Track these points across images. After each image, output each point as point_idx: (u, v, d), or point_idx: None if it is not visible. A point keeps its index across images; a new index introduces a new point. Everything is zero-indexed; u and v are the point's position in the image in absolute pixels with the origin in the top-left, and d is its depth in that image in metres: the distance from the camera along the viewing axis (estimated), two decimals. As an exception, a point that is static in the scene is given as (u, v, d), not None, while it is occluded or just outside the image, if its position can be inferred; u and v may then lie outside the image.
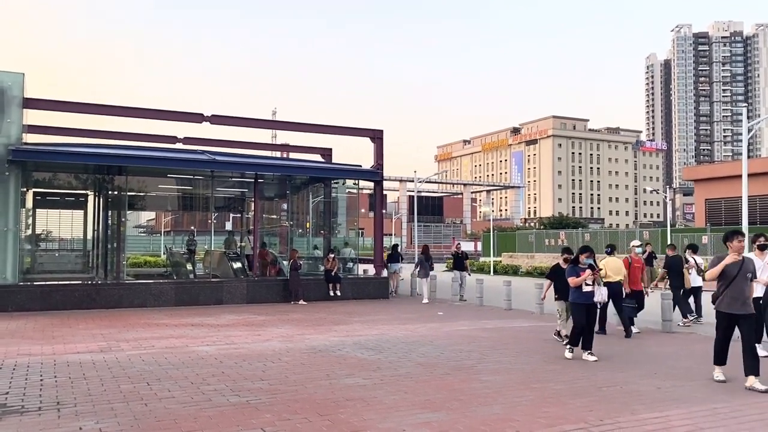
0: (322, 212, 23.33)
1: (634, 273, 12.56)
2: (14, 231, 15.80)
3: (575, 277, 9.53)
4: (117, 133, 22.50)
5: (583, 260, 9.65)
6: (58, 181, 22.87)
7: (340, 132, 22.24)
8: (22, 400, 6.71)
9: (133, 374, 8.07)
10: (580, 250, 9.89)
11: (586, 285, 9.48)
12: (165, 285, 17.70)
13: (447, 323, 13.76)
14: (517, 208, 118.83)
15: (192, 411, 6.33)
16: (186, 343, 10.59)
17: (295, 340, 11.13)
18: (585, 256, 9.67)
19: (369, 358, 9.40)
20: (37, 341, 10.74)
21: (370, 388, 7.38)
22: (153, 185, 23.99)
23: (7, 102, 15.93)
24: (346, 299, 18.54)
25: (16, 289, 15.62)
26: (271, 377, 7.96)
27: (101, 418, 6.04)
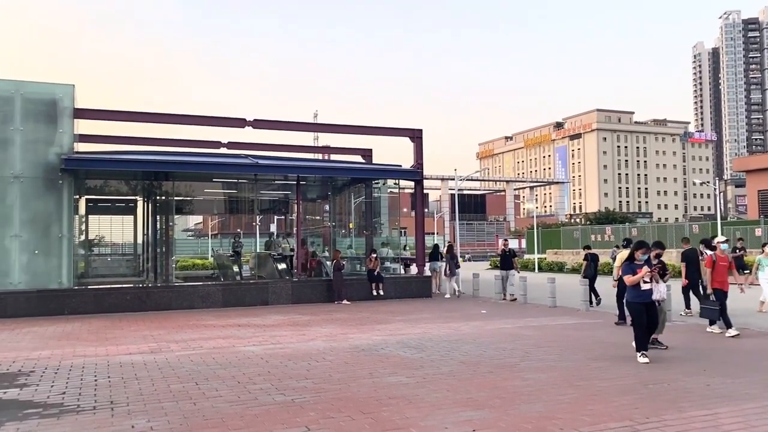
0: (363, 212, 23.49)
1: (719, 271, 11.41)
2: (68, 237, 16.41)
3: (631, 275, 9.02)
4: (164, 139, 23.12)
5: (640, 257, 9.17)
6: (108, 188, 23.65)
7: (380, 132, 22.36)
8: (78, 400, 6.99)
9: (182, 374, 8.31)
10: (635, 245, 9.42)
11: (644, 282, 8.94)
12: (212, 287, 18.13)
13: (490, 321, 13.70)
14: (561, 204, 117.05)
15: (239, 410, 6.50)
16: (233, 344, 10.84)
17: (339, 339, 11.26)
18: (641, 252, 9.19)
19: (412, 356, 9.45)
20: (92, 343, 11.14)
21: (412, 387, 7.42)
22: (199, 190, 24.58)
23: (59, 113, 16.56)
24: (389, 298, 18.63)
25: (71, 293, 16.23)
26: (316, 376, 8.09)
27: (152, 417, 6.25)
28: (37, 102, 16.37)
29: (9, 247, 15.73)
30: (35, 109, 16.31)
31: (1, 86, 16.21)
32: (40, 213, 16.11)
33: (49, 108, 16.45)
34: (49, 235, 16.13)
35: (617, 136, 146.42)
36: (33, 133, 16.20)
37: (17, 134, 16.04)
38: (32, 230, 15.98)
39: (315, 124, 33.36)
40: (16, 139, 16.03)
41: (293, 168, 20.45)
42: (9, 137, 15.97)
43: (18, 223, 15.84)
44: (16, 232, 15.80)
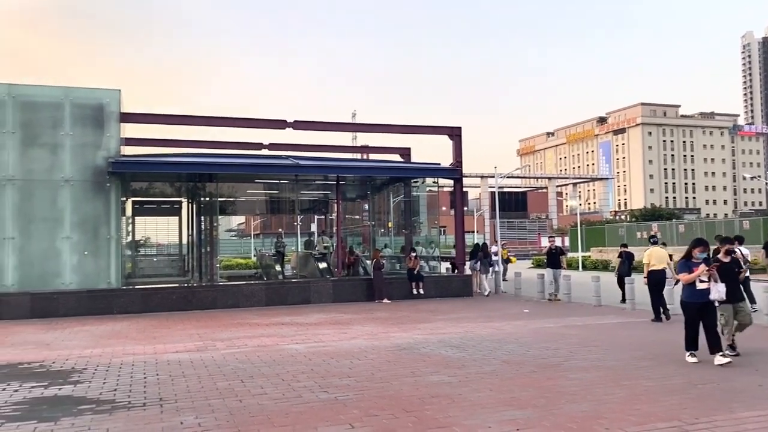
0: (402, 211, 23.50)
1: None
2: (116, 238, 16.88)
3: (687, 273, 8.64)
4: (206, 142, 23.56)
5: (697, 255, 8.78)
6: (154, 190, 24.24)
7: (418, 131, 22.34)
8: (129, 396, 7.19)
9: (228, 372, 8.47)
10: (693, 243, 8.99)
11: (700, 282, 8.54)
12: (256, 286, 18.40)
13: (533, 321, 13.55)
14: (605, 200, 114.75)
15: (283, 407, 6.59)
16: (277, 342, 10.99)
17: (380, 338, 11.30)
18: (698, 251, 8.79)
19: (453, 355, 9.42)
20: (140, 341, 11.45)
21: (455, 386, 7.41)
22: (242, 190, 24.98)
23: (106, 117, 17.04)
24: (429, 297, 18.59)
25: (120, 292, 16.69)
26: (358, 374, 8.14)
27: (200, 414, 6.40)
28: (85, 107, 16.88)
29: (61, 249, 16.28)
30: (83, 114, 16.82)
31: (51, 93, 16.77)
32: (89, 215, 16.61)
33: (96, 113, 16.94)
34: (98, 236, 16.63)
35: (663, 131, 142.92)
36: (81, 138, 16.72)
37: (67, 139, 16.57)
38: (82, 232, 16.49)
39: (354, 124, 33.57)
40: (66, 143, 16.57)
41: (333, 168, 20.60)
42: (59, 142, 16.51)
43: (69, 226, 16.37)
44: (67, 234, 16.34)
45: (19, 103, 16.34)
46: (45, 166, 16.37)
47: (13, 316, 15.26)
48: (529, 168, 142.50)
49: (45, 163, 16.38)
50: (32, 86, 16.86)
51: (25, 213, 16.10)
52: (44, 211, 16.25)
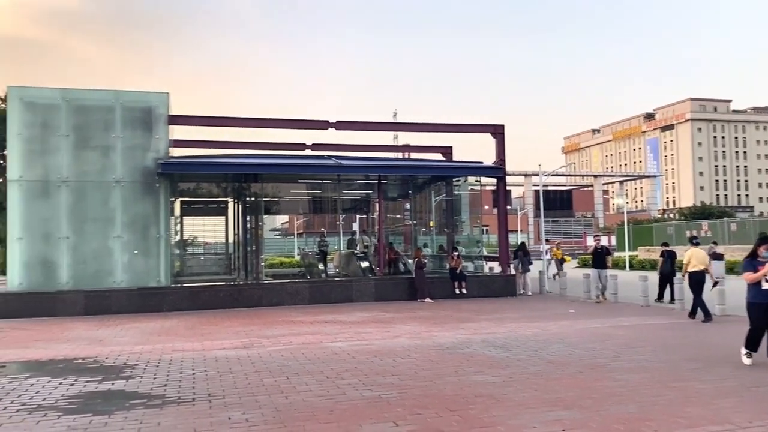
0: (444, 210, 23.43)
1: None
2: (165, 237, 17.33)
3: (752, 273, 8.33)
4: (251, 143, 23.94)
5: (763, 253, 8.45)
6: (201, 190, 24.79)
7: (460, 129, 22.23)
8: (178, 392, 7.39)
9: (273, 369, 8.61)
10: (758, 241, 8.64)
11: (765, 281, 8.22)
12: (300, 284, 18.63)
13: (579, 321, 13.35)
14: (653, 198, 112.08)
15: (328, 404, 6.67)
16: (321, 340, 11.11)
17: (423, 337, 11.31)
18: (764, 248, 8.45)
19: (497, 355, 9.37)
20: (189, 338, 11.72)
21: (499, 386, 7.37)
22: (286, 190, 25.32)
23: (155, 120, 17.50)
24: (472, 297, 18.49)
25: (169, 290, 17.13)
26: (402, 373, 8.18)
27: (247, 409, 6.53)
28: (135, 110, 17.37)
29: (112, 248, 16.80)
30: (133, 117, 17.31)
31: (103, 97, 17.32)
32: (139, 215, 17.09)
33: (145, 116, 17.42)
34: (148, 236, 17.10)
35: (713, 126, 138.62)
36: (132, 140, 17.21)
37: (118, 141, 17.09)
38: (132, 231, 16.98)
39: (395, 123, 33.63)
40: (117, 145, 17.08)
41: (375, 168, 20.69)
42: (111, 144, 17.04)
43: (120, 225, 16.88)
44: (119, 233, 16.85)
45: (72, 107, 16.92)
46: (97, 167, 16.91)
47: (68, 313, 15.83)
48: (575, 166, 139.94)
49: (97, 165, 16.92)
50: (84, 90, 17.44)
51: (78, 213, 16.67)
52: (96, 211, 16.80)
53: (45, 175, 16.54)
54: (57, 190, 16.57)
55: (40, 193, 16.49)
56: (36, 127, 16.65)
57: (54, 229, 16.46)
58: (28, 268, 16.29)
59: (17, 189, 16.41)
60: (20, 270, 16.26)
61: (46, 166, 16.58)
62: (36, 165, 16.55)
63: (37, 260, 16.35)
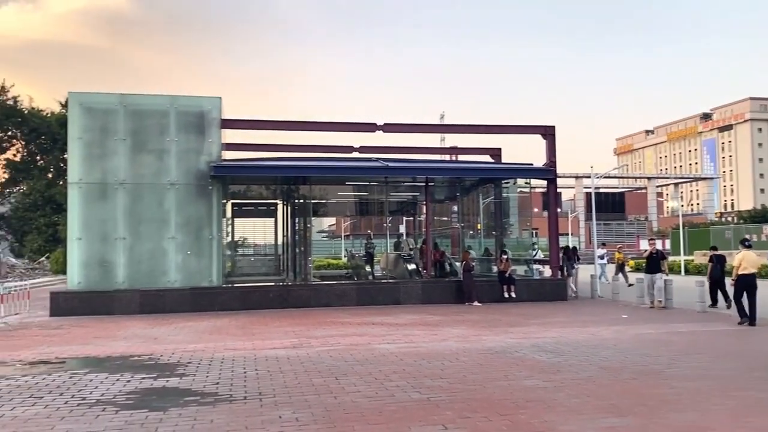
0: (492, 213, 23.20)
1: None
2: (217, 239, 17.70)
3: None
4: (299, 146, 24.26)
5: None
6: (251, 193, 25.24)
7: (509, 131, 21.99)
8: (230, 390, 7.52)
9: (322, 369, 8.69)
10: None
11: None
12: (347, 286, 18.75)
13: (632, 326, 13.02)
14: (710, 201, 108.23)
15: (377, 405, 6.68)
16: (368, 341, 11.15)
17: (472, 340, 11.22)
18: None
19: (548, 360, 9.21)
20: (240, 337, 11.94)
21: (550, 391, 7.24)
22: (333, 193, 25.55)
23: (208, 124, 17.90)
24: (521, 301, 18.24)
25: (220, 290, 17.49)
26: (450, 376, 8.13)
27: (297, 409, 6.60)
28: (189, 114, 17.80)
29: (167, 248, 17.25)
30: (187, 121, 17.75)
31: (158, 101, 17.82)
32: (192, 217, 17.51)
33: (199, 120, 17.83)
34: (201, 237, 17.49)
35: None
36: (186, 143, 17.65)
37: (172, 145, 17.55)
38: (186, 233, 17.41)
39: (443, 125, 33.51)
40: (172, 149, 17.54)
41: (422, 170, 20.66)
42: (166, 148, 17.51)
43: (174, 226, 17.33)
44: (173, 234, 17.29)
45: (129, 111, 17.46)
46: (152, 170, 17.40)
47: (124, 311, 16.34)
48: (627, 168, 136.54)
49: (152, 168, 17.41)
50: (141, 95, 17.98)
51: (134, 215, 17.19)
52: (152, 212, 17.28)
53: (103, 177, 17.12)
54: (114, 192, 17.13)
55: (99, 195, 17.07)
56: (95, 131, 17.25)
57: (111, 229, 17.01)
58: (86, 268, 16.87)
59: (77, 191, 17.03)
60: (79, 269, 16.86)
61: (105, 169, 17.16)
62: (95, 168, 17.14)
63: (95, 260, 16.92)
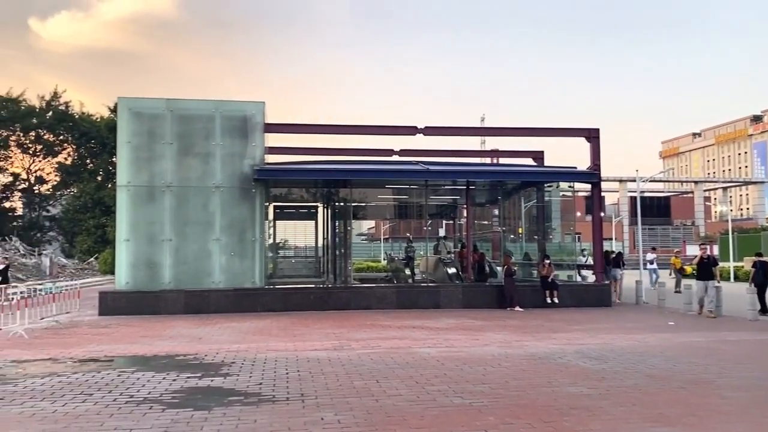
0: (534, 217, 22.92)
1: None
2: (260, 241, 17.95)
3: None
4: (340, 149, 24.39)
5: None
6: (292, 195, 25.48)
7: (552, 134, 21.67)
8: (273, 390, 7.61)
9: (363, 372, 8.72)
10: None
11: None
12: (387, 289, 18.77)
13: (679, 334, 12.68)
14: (761, 206, 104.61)
15: (418, 409, 6.67)
16: (409, 345, 11.14)
17: (514, 346, 11.10)
18: None
19: (592, 367, 9.05)
20: (282, 338, 12.07)
21: (595, 398, 7.12)
22: (373, 196, 25.61)
23: (251, 128, 18.19)
24: (563, 306, 17.96)
25: (263, 291, 17.73)
26: (492, 381, 8.06)
27: (339, 411, 6.63)
28: (234, 119, 18.12)
29: (211, 250, 17.58)
30: (232, 125, 18.07)
31: (204, 106, 18.18)
32: (236, 219, 17.80)
33: (243, 124, 18.13)
34: (244, 239, 17.77)
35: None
36: (230, 147, 17.96)
37: (218, 149, 17.88)
38: (230, 234, 17.70)
39: (484, 128, 33.20)
40: (217, 153, 17.87)
41: (463, 173, 20.55)
42: (211, 151, 17.86)
43: (218, 228, 17.64)
44: (217, 236, 17.61)
45: (176, 116, 17.87)
46: (198, 173, 17.76)
47: (170, 311, 16.70)
48: (673, 171, 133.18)
49: (198, 171, 17.77)
50: (187, 101, 18.37)
51: (180, 217, 17.56)
52: (197, 215, 17.63)
53: (150, 180, 17.55)
54: (161, 194, 17.53)
55: (146, 198, 17.50)
56: (143, 135, 17.70)
57: (158, 231, 17.42)
58: (134, 268, 17.31)
59: (125, 194, 17.49)
60: (127, 270, 17.30)
61: (152, 172, 17.59)
62: (142, 171, 17.58)
63: (142, 261, 17.34)
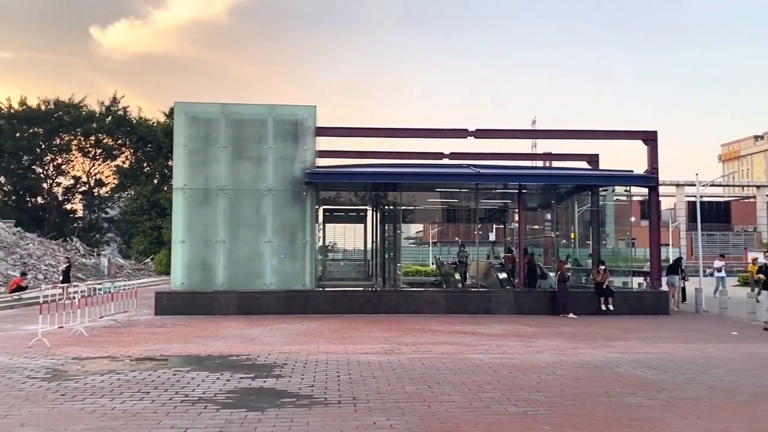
0: (587, 222, 22.38)
1: None
2: (310, 243, 18.10)
3: None
4: (390, 152, 24.40)
5: None
6: (341, 199, 25.62)
7: (607, 136, 21.14)
8: (325, 393, 7.62)
9: (414, 376, 8.64)
10: None
11: None
12: (437, 293, 18.64)
13: (743, 344, 12.17)
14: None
15: (472, 416, 6.56)
16: (460, 350, 11.00)
17: (568, 353, 10.84)
18: None
19: (651, 377, 8.75)
20: (332, 341, 12.11)
21: (656, 410, 6.86)
22: (422, 199, 25.51)
23: (303, 132, 18.37)
24: (618, 314, 17.47)
25: (313, 294, 17.85)
26: (547, 390, 7.87)
27: (391, 416, 6.58)
28: (286, 123, 18.34)
29: (263, 252, 17.81)
30: (284, 129, 18.30)
31: (257, 110, 18.47)
32: (287, 221, 18.00)
33: (294, 127, 18.34)
34: (295, 241, 17.94)
35: None
36: (282, 151, 18.18)
37: (270, 152, 18.13)
38: (281, 237, 17.91)
39: (537, 130, 32.55)
40: (269, 156, 18.12)
41: (515, 176, 20.24)
42: (263, 155, 18.12)
43: (270, 231, 17.87)
44: (269, 238, 17.84)
45: (230, 120, 18.20)
46: (251, 176, 18.04)
47: (223, 311, 17.00)
48: (734, 175, 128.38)
49: (251, 174, 18.05)
50: (241, 105, 18.69)
51: (233, 219, 17.87)
52: (249, 217, 17.91)
53: (205, 183, 17.91)
54: (216, 197, 17.88)
55: (201, 200, 17.88)
56: (198, 139, 18.09)
57: (212, 233, 17.76)
58: (189, 269, 17.69)
59: (181, 196, 17.91)
60: (182, 271, 17.69)
61: (207, 175, 17.95)
62: (198, 174, 17.97)
63: (196, 262, 17.71)
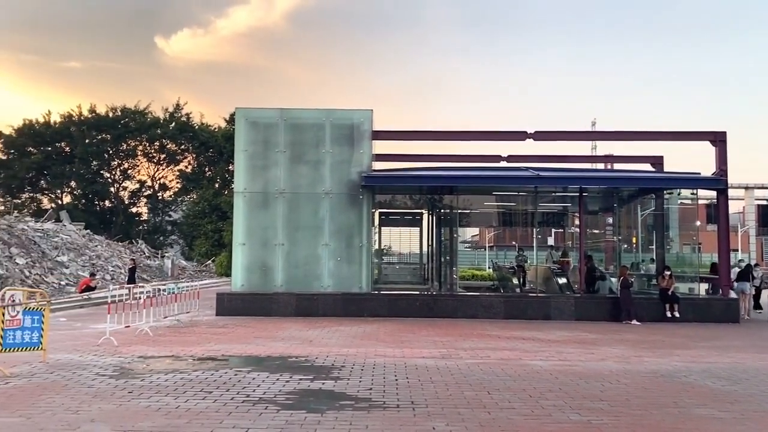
0: (650, 226, 21.68)
1: None
2: (367, 246, 18.18)
3: None
4: (447, 155, 24.27)
5: None
6: (396, 202, 25.63)
7: (673, 137, 20.43)
8: (383, 396, 7.61)
9: (473, 382, 8.53)
10: None
11: None
12: (494, 298, 18.40)
13: (822, 356, 11.50)
14: None
15: (533, 424, 6.42)
16: (519, 356, 10.81)
17: (633, 362, 10.49)
18: None
19: (723, 388, 8.37)
20: (389, 344, 12.10)
21: (729, 423, 6.55)
22: (479, 203, 25.25)
23: (359, 136, 18.50)
24: (684, 321, 16.84)
25: (369, 297, 17.92)
26: (611, 398, 7.63)
27: (450, 421, 6.51)
28: (343, 127, 18.51)
29: (320, 255, 18.01)
30: (341, 133, 18.47)
31: (314, 115, 18.71)
32: (344, 225, 18.14)
33: (351, 131, 18.48)
34: (352, 244, 18.06)
35: None
36: (339, 155, 18.36)
37: (327, 156, 18.33)
38: (338, 240, 18.06)
39: (598, 132, 31.77)
40: (327, 160, 18.32)
41: (576, 179, 19.78)
42: (321, 159, 18.33)
43: (327, 234, 18.05)
44: (326, 241, 18.02)
45: (289, 125, 18.50)
46: (308, 180, 18.28)
47: (281, 313, 17.26)
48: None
49: (308, 178, 18.29)
50: (299, 110, 18.96)
51: (292, 222, 18.14)
52: (307, 220, 18.14)
53: (265, 187, 18.25)
54: (275, 201, 18.19)
55: (261, 204, 18.22)
56: (258, 143, 18.46)
57: (271, 236, 18.07)
58: (249, 271, 18.04)
59: (242, 200, 18.30)
60: (242, 272, 18.06)
61: (266, 179, 18.29)
62: (257, 178, 18.32)
63: (256, 264, 18.05)
